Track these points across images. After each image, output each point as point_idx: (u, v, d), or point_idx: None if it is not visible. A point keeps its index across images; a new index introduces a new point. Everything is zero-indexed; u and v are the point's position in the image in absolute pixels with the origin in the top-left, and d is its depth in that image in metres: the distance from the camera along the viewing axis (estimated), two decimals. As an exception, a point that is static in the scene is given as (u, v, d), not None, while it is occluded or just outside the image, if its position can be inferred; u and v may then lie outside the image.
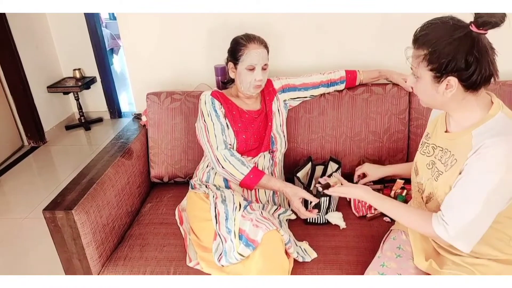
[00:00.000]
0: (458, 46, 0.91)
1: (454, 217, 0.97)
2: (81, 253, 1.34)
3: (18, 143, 3.44)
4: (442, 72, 0.94)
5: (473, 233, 0.97)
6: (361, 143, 1.71)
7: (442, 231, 0.99)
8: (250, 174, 1.41)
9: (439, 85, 0.96)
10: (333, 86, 1.67)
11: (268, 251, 1.19)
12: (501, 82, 1.65)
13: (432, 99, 1.02)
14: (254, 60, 1.44)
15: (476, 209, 0.94)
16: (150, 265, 1.36)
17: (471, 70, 0.92)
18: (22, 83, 3.29)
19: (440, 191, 1.05)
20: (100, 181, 1.45)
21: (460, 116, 1.02)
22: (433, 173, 1.08)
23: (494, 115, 0.98)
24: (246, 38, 1.47)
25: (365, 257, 1.29)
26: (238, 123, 1.51)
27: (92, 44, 3.75)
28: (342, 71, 1.68)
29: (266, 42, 1.50)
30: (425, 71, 0.97)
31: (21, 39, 3.27)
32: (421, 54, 0.96)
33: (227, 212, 1.32)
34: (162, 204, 1.69)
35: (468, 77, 0.93)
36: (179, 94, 1.79)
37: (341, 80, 1.67)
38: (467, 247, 0.98)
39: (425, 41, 0.95)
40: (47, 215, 1.29)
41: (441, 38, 0.92)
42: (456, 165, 1.00)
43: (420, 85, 1.01)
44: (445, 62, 0.92)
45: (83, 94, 3.90)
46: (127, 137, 1.80)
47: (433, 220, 1.01)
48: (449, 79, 0.94)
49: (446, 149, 1.06)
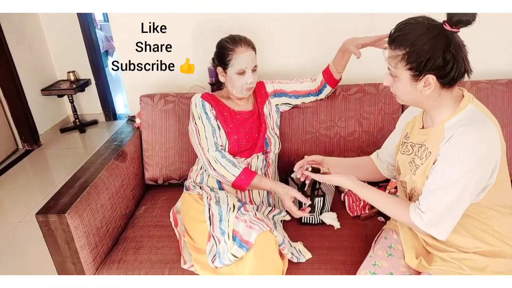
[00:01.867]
0: (435, 45, 0.94)
1: (428, 204, 1.01)
2: (75, 257, 1.33)
3: (12, 147, 3.43)
4: (421, 70, 0.96)
5: (447, 220, 1.00)
6: (355, 143, 1.71)
7: (417, 219, 1.02)
8: (242, 175, 1.41)
9: (417, 83, 0.99)
10: (321, 93, 1.64)
11: (262, 252, 1.19)
12: (493, 81, 1.66)
13: (410, 97, 1.04)
14: (244, 64, 1.44)
15: (450, 196, 0.98)
16: (144, 268, 1.36)
17: (449, 67, 0.95)
18: (15, 86, 3.28)
19: (419, 184, 1.08)
20: (94, 184, 1.45)
21: (435, 112, 1.05)
22: (411, 169, 1.11)
23: (465, 107, 1.02)
24: (232, 41, 1.45)
25: (359, 257, 1.29)
26: (230, 124, 1.51)
27: (86, 46, 3.74)
28: (320, 75, 1.60)
29: (253, 43, 1.49)
30: (403, 70, 0.99)
31: (14, 41, 3.26)
32: (398, 54, 0.98)
33: (221, 214, 1.32)
34: (156, 206, 1.68)
35: (446, 74, 0.96)
36: (173, 96, 1.79)
37: (323, 85, 1.61)
38: (442, 235, 1.01)
39: (402, 41, 0.97)
40: (40, 219, 1.29)
41: (418, 38, 0.94)
42: (430, 157, 1.04)
43: (399, 84, 1.02)
44: (424, 60, 0.94)
45: (77, 97, 3.89)
46: (121, 140, 1.80)
47: (410, 208, 1.05)
48: (427, 77, 0.97)
49: (422, 144, 1.09)
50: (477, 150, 0.95)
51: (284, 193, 1.36)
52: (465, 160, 0.96)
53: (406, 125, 1.23)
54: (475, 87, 1.64)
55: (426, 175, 1.04)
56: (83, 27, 3.67)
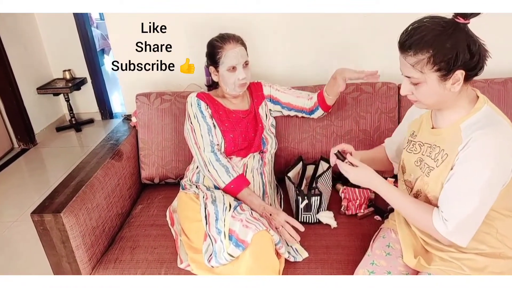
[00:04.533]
0: (457, 40, 0.92)
1: (452, 212, 0.99)
2: (71, 256, 1.33)
3: (8, 146, 3.40)
4: (451, 68, 0.94)
5: (470, 227, 0.99)
6: (352, 142, 1.71)
7: (441, 226, 1.00)
8: (231, 184, 1.42)
9: (446, 83, 0.96)
10: (313, 114, 1.63)
11: (258, 252, 1.19)
12: (489, 80, 1.66)
13: (435, 99, 1.00)
14: (234, 61, 1.44)
15: (473, 204, 0.96)
16: (141, 267, 1.35)
17: (476, 58, 0.94)
18: (10, 84, 3.25)
19: (430, 187, 1.06)
20: (90, 184, 1.44)
21: (450, 112, 1.04)
22: (423, 170, 1.09)
23: (481, 108, 1.01)
24: (221, 39, 1.46)
25: (356, 256, 1.30)
26: (225, 123, 1.51)
27: (82, 44, 3.72)
28: (315, 96, 1.59)
29: (242, 39, 1.49)
30: (431, 73, 0.95)
31: (9, 40, 3.23)
32: (422, 58, 0.94)
33: (217, 213, 1.31)
34: (153, 205, 1.68)
35: (474, 66, 0.95)
36: (169, 94, 1.78)
37: (315, 106, 1.59)
38: (464, 241, 1.00)
39: (423, 44, 0.93)
40: (35, 218, 1.28)
41: (438, 37, 0.92)
42: (447, 160, 1.02)
43: (424, 88, 0.98)
44: (452, 57, 0.92)
45: (73, 95, 3.87)
46: (117, 139, 1.79)
47: (433, 214, 1.02)
48: (456, 73, 0.95)
49: (434, 145, 1.08)
50: (497, 155, 0.94)
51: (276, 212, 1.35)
52: (486, 166, 0.94)
53: (412, 122, 1.20)
54: (471, 86, 1.64)
55: (442, 180, 1.02)
56: (79, 26, 3.65)
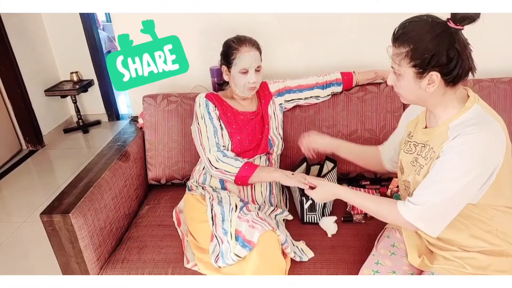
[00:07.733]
0: (439, 42, 0.93)
1: (423, 197, 1.00)
2: (79, 256, 1.34)
3: (16, 147, 3.44)
4: (425, 67, 0.96)
5: (441, 216, 1.00)
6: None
7: (406, 212, 1.01)
8: (245, 165, 1.42)
9: (421, 81, 0.98)
10: (329, 88, 1.65)
11: (265, 252, 1.20)
12: (495, 79, 1.66)
13: (414, 95, 1.03)
14: (247, 63, 1.44)
15: (443, 194, 0.97)
16: (148, 267, 1.37)
17: (453, 64, 0.94)
18: (19, 86, 3.29)
19: None
20: (97, 185, 1.46)
21: (439, 111, 1.05)
22: (416, 169, 1.11)
23: (470, 107, 1.01)
24: (238, 41, 1.47)
25: (361, 256, 1.30)
26: (233, 124, 1.52)
27: (89, 46, 3.75)
28: (337, 73, 1.67)
29: (258, 43, 1.50)
30: (407, 67, 0.98)
31: (17, 42, 3.27)
32: (403, 51, 0.97)
33: (223, 214, 1.32)
34: (159, 206, 1.69)
35: (449, 71, 0.95)
36: (175, 96, 1.80)
37: (337, 82, 1.65)
38: (433, 231, 1.00)
39: (406, 38, 0.96)
40: (44, 219, 1.30)
41: (422, 35, 0.94)
42: (434, 157, 1.03)
43: (402, 82, 1.02)
44: (428, 57, 0.94)
45: (80, 97, 3.90)
46: (124, 140, 1.81)
47: (398, 203, 1.05)
48: (431, 74, 0.96)
49: (426, 144, 1.09)
50: (480, 150, 0.95)
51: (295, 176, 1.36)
52: (467, 158, 0.96)
53: (409, 123, 1.22)
54: (478, 85, 1.64)
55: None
56: (85, 28, 3.68)
